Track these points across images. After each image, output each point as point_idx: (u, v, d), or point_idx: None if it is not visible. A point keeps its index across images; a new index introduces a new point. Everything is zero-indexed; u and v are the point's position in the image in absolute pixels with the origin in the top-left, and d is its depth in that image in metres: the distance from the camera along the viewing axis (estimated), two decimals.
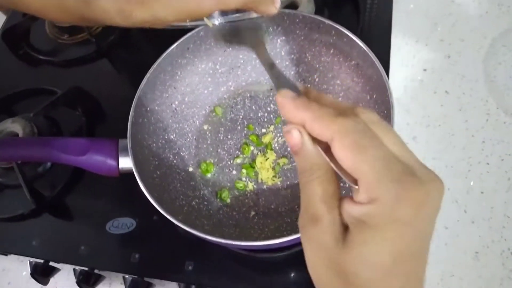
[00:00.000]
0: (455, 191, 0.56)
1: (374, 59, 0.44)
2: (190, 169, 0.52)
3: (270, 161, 0.51)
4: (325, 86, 0.53)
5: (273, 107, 0.55)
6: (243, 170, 0.51)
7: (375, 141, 0.23)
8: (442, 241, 0.53)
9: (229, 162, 0.52)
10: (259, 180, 0.51)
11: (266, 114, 0.55)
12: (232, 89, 0.56)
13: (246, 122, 0.55)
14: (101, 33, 0.69)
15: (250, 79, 0.56)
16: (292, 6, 0.63)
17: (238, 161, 0.52)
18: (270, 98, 0.55)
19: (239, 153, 0.53)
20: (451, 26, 0.68)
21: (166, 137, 0.51)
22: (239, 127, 0.54)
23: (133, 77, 0.65)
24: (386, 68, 0.58)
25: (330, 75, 0.52)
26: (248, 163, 0.52)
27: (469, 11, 0.69)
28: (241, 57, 0.55)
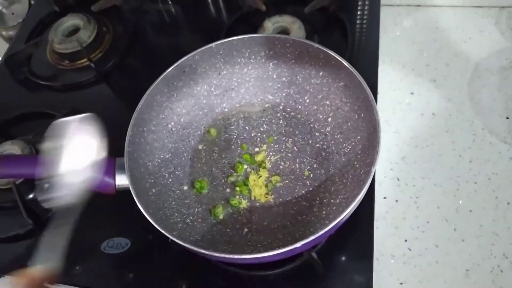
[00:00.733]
0: (445, 210, 0.57)
1: (360, 79, 0.46)
2: (185, 187, 0.53)
3: (263, 178, 0.52)
4: (315, 107, 0.55)
5: (265, 127, 0.57)
6: (237, 188, 0.52)
7: None
8: (433, 259, 0.54)
9: (223, 181, 0.54)
10: (252, 197, 0.52)
11: (259, 134, 0.56)
12: (226, 110, 0.58)
13: (239, 142, 0.56)
14: (100, 58, 0.72)
15: (244, 101, 0.58)
16: (283, 33, 0.66)
17: (232, 179, 0.53)
18: (263, 119, 0.57)
19: (233, 171, 0.54)
20: (436, 52, 0.71)
21: (162, 156, 0.53)
22: (233, 147, 0.56)
23: (130, 101, 0.67)
24: (374, 91, 0.60)
25: (320, 96, 0.54)
26: (241, 181, 0.53)
27: (453, 37, 0.72)
28: (234, 79, 0.57)
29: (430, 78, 0.68)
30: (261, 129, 0.57)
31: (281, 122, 0.56)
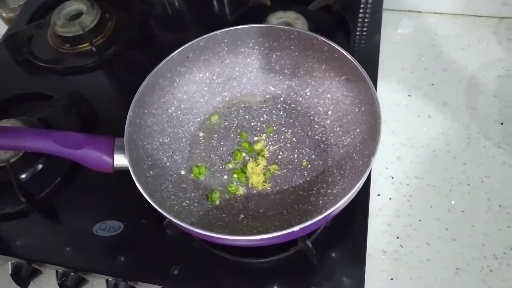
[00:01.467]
0: (437, 209, 0.58)
1: (364, 73, 0.47)
2: (182, 172, 0.53)
3: (261, 166, 0.52)
4: (315, 100, 0.56)
5: (265, 117, 0.57)
6: (234, 175, 0.52)
7: None
8: (424, 256, 0.54)
9: (221, 167, 0.54)
10: (250, 184, 0.52)
11: (259, 124, 0.57)
12: (227, 99, 0.58)
13: (239, 130, 0.56)
14: (102, 44, 0.72)
15: (245, 91, 0.59)
16: None
17: (230, 166, 0.53)
18: (263, 109, 0.58)
19: (231, 158, 0.54)
20: (435, 57, 0.72)
21: (161, 140, 0.52)
22: (232, 135, 0.56)
23: (131, 86, 0.67)
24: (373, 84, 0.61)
25: (321, 89, 0.55)
26: (239, 168, 0.53)
27: (452, 44, 0.73)
28: (237, 69, 0.58)
29: (428, 82, 0.70)
30: (261, 119, 0.57)
31: (281, 113, 0.57)
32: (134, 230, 0.54)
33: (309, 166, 0.52)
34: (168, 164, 0.52)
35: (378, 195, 0.59)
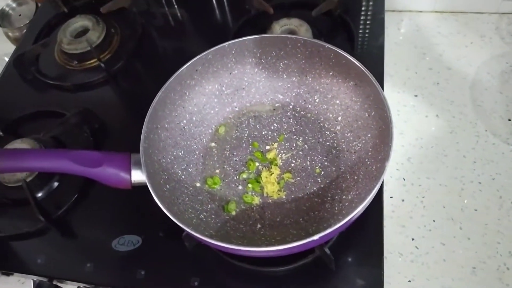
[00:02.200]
0: (450, 209, 0.58)
1: (371, 78, 0.47)
2: (198, 184, 0.54)
3: (274, 175, 0.53)
4: (325, 106, 0.56)
5: (276, 126, 0.58)
6: (249, 184, 0.53)
7: None
8: (440, 257, 0.55)
9: (235, 178, 0.54)
10: (265, 194, 0.52)
11: (270, 132, 0.57)
12: (237, 109, 0.59)
13: (250, 140, 0.57)
14: (109, 59, 0.73)
15: (254, 100, 0.59)
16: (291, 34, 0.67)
17: (244, 176, 0.54)
18: (273, 118, 0.58)
19: (245, 168, 0.55)
20: (439, 56, 0.73)
21: (175, 153, 0.53)
22: (244, 145, 0.57)
23: (140, 100, 0.68)
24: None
25: (329, 96, 0.55)
26: (253, 178, 0.54)
27: (454, 42, 0.74)
28: (245, 79, 0.58)
29: (433, 81, 0.70)
30: (271, 127, 0.58)
31: (291, 121, 0.57)
32: (153, 244, 0.54)
33: (322, 173, 0.53)
34: (183, 177, 0.52)
35: (391, 197, 0.60)
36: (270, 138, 0.57)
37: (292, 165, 0.54)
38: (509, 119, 0.64)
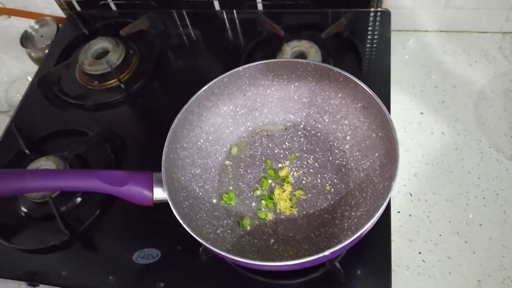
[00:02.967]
0: (456, 224, 0.60)
1: (378, 101, 0.50)
2: (214, 200, 0.57)
3: (287, 192, 0.56)
4: (334, 126, 0.59)
5: (288, 144, 0.61)
6: (263, 201, 0.56)
7: None
8: (446, 270, 0.57)
9: (249, 194, 0.57)
10: (277, 210, 0.55)
11: (282, 151, 0.60)
12: (250, 128, 0.62)
13: (264, 158, 0.60)
14: (128, 79, 0.77)
15: (267, 120, 0.63)
16: (301, 56, 0.70)
17: (258, 193, 0.57)
18: (285, 137, 0.61)
19: (258, 185, 0.58)
20: (444, 74, 0.75)
21: (193, 171, 0.56)
22: (258, 163, 0.60)
23: (156, 119, 0.72)
24: (387, 110, 0.64)
25: (338, 116, 0.58)
26: (267, 195, 0.57)
27: (459, 61, 0.76)
28: (258, 100, 0.62)
29: (439, 99, 0.72)
30: (283, 146, 0.61)
31: (302, 140, 0.60)
32: (171, 257, 0.57)
33: (332, 190, 0.56)
34: (200, 193, 0.56)
35: (398, 212, 0.62)
36: (282, 156, 0.60)
37: (303, 182, 0.57)
38: None
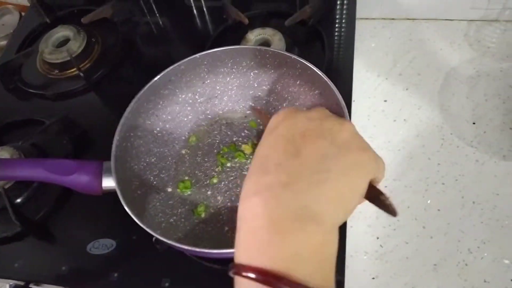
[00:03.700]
0: (414, 209, 0.61)
1: (333, 87, 0.50)
2: (169, 189, 0.56)
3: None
4: None
5: (246, 132, 0.60)
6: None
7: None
8: (403, 255, 0.57)
9: (205, 182, 0.57)
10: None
11: (240, 139, 0.60)
12: (210, 116, 0.61)
13: (221, 146, 0.59)
14: (89, 68, 0.75)
15: (226, 108, 0.62)
16: (265, 44, 0.70)
17: (215, 181, 0.57)
18: (244, 125, 0.61)
19: (215, 173, 0.57)
20: (409, 62, 0.75)
21: (148, 160, 0.55)
22: (215, 151, 0.59)
23: (118, 108, 0.70)
24: (349, 98, 0.64)
25: (297, 103, 0.58)
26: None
27: (425, 49, 0.76)
28: (218, 88, 0.61)
29: (403, 86, 0.73)
30: (242, 134, 0.60)
31: (261, 128, 0.60)
32: (126, 247, 0.56)
33: None
34: (155, 182, 0.55)
35: None
36: (241, 144, 0.59)
37: None
38: (473, 123, 0.67)
